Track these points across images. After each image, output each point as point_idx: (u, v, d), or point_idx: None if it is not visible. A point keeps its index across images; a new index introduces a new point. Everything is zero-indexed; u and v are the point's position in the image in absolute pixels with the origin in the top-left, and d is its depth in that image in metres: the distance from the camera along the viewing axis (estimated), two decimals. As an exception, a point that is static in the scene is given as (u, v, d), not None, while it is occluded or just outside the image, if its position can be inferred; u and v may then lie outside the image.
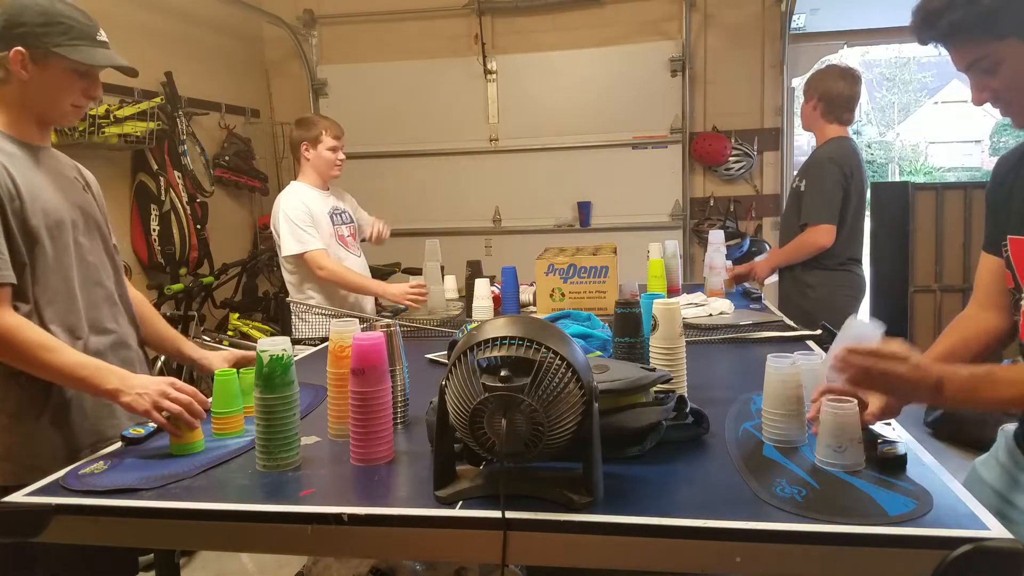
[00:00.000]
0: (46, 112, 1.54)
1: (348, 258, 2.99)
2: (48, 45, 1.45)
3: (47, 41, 1.45)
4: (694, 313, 2.49)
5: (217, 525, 1.12)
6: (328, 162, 2.97)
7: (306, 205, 2.89)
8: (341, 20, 5.18)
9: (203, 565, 2.92)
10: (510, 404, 1.02)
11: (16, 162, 1.47)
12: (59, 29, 1.46)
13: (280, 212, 2.89)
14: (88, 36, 1.50)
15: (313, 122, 2.98)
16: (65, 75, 1.49)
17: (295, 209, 2.87)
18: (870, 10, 4.95)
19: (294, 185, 3.01)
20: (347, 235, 3.05)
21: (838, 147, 2.92)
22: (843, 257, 2.93)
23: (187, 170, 4.15)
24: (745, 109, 4.84)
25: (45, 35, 1.45)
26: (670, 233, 4.66)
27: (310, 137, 2.95)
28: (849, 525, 0.97)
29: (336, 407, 1.42)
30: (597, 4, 4.90)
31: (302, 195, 2.94)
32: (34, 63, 1.46)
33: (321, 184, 3.02)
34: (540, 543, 1.04)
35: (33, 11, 1.46)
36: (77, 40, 1.48)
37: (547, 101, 4.95)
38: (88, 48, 1.49)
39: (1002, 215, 1.31)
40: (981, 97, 1.21)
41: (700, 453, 1.29)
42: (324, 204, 2.99)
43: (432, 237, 2.94)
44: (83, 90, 1.54)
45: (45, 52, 1.46)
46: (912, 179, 14.73)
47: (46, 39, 1.45)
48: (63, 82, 1.50)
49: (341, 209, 3.08)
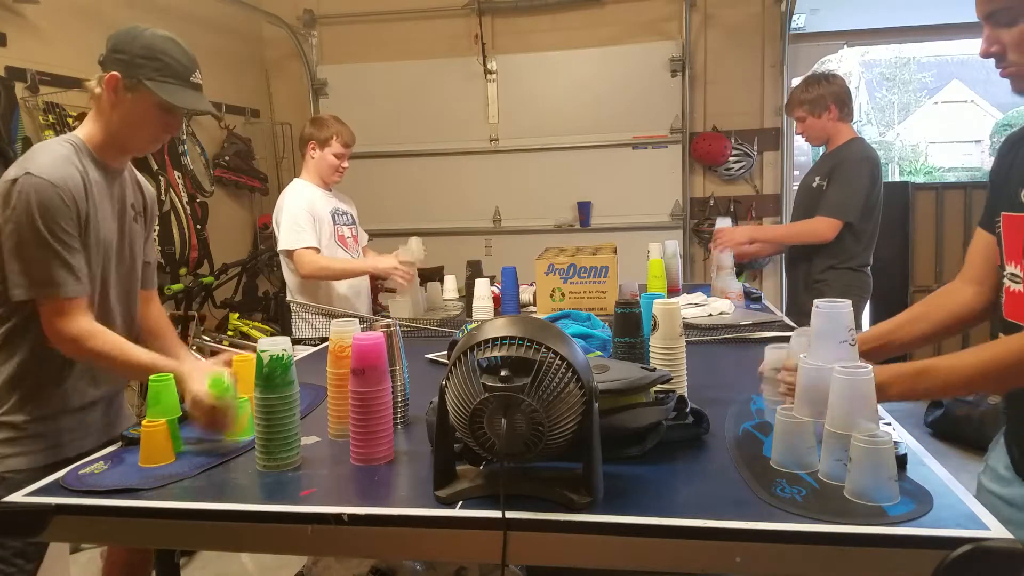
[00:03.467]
0: (125, 138, 1.61)
1: (343, 256, 2.99)
2: (141, 77, 1.53)
3: (141, 73, 1.53)
4: (694, 313, 2.49)
5: (217, 525, 1.12)
6: (330, 166, 2.96)
7: (308, 202, 2.90)
8: (341, 20, 5.18)
9: (203, 565, 2.92)
10: (510, 404, 1.02)
11: (96, 188, 1.55)
12: (155, 65, 1.54)
13: (282, 208, 2.90)
14: (182, 77, 1.57)
15: (327, 124, 2.98)
16: (149, 108, 1.56)
17: (296, 206, 2.87)
18: (870, 10, 4.95)
19: (297, 182, 3.01)
20: (348, 236, 3.04)
21: (868, 148, 2.91)
22: (862, 259, 2.92)
23: (187, 170, 4.15)
24: (745, 109, 4.84)
25: (141, 67, 1.53)
26: (670, 233, 4.66)
27: (320, 137, 2.95)
28: (849, 525, 0.97)
29: (336, 407, 1.42)
30: (597, 4, 4.90)
31: (306, 192, 2.95)
32: (125, 90, 1.54)
33: (322, 184, 3.01)
34: (540, 543, 1.04)
35: (139, 43, 1.54)
36: (170, 78, 1.55)
37: (547, 101, 4.95)
38: (177, 88, 1.56)
39: (999, 192, 1.32)
40: (989, 50, 1.22)
41: (700, 453, 1.28)
42: (326, 203, 2.98)
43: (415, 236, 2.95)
44: (164, 125, 1.61)
45: (137, 82, 1.53)
46: (912, 179, 14.71)
47: (140, 71, 1.53)
48: (147, 114, 1.57)
49: (344, 210, 3.08)
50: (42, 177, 1.44)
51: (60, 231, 1.46)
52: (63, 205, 1.46)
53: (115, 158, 1.63)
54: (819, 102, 2.91)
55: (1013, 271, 1.25)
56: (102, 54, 1.57)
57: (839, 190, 2.84)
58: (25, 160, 1.49)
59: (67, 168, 1.49)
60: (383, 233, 4.93)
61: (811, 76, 3.05)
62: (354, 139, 3.01)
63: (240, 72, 5.01)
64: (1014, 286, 1.25)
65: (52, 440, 1.56)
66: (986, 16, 1.20)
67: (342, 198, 3.13)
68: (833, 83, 2.93)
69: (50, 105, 3.26)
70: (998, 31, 1.20)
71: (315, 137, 2.95)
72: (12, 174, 1.45)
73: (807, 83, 2.98)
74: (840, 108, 2.91)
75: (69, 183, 1.48)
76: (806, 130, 3.00)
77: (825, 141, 3.00)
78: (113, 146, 1.61)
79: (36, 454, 1.53)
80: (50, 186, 1.44)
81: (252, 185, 4.88)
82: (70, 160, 1.51)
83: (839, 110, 2.91)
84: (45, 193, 1.44)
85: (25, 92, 3.24)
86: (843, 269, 2.91)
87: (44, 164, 1.46)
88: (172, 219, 3.88)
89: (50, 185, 1.44)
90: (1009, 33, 1.18)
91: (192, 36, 1.58)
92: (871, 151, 2.90)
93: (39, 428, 1.54)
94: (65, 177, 1.47)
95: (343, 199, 3.14)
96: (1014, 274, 1.25)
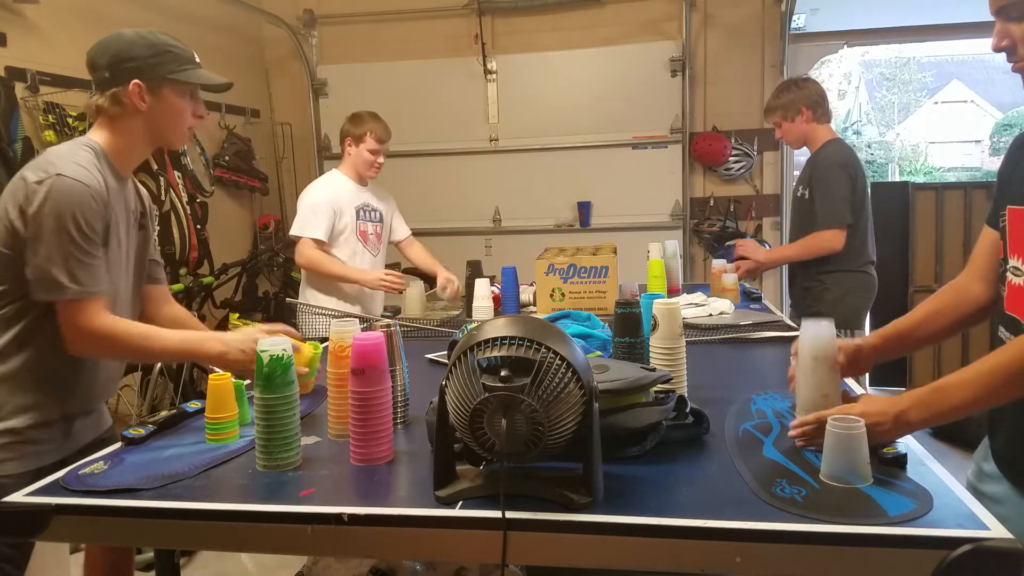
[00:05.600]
0: (167, 138, 1.63)
1: (363, 254, 3.06)
2: (164, 74, 1.54)
3: (161, 71, 1.54)
4: (694, 313, 2.49)
5: (217, 525, 1.12)
6: (366, 162, 3.03)
7: (333, 193, 2.98)
8: (341, 20, 5.18)
9: (203, 565, 2.92)
10: (510, 404, 1.02)
11: (112, 196, 1.55)
12: (168, 58, 1.55)
13: (307, 194, 3.00)
14: (191, 60, 1.59)
15: (363, 120, 3.03)
16: (181, 100, 1.59)
17: (318, 195, 2.97)
18: (870, 10, 4.96)
19: (333, 172, 3.11)
20: (370, 232, 3.10)
21: (839, 150, 2.94)
22: (862, 260, 2.93)
23: (187, 170, 4.15)
24: (745, 109, 4.84)
25: (158, 65, 1.54)
26: (670, 233, 4.66)
27: (355, 134, 3.02)
28: (849, 525, 0.97)
29: (336, 407, 1.42)
30: (597, 4, 4.90)
31: (333, 183, 3.04)
32: (150, 94, 1.55)
33: (357, 179, 3.08)
34: (540, 543, 1.04)
35: (141, 45, 1.54)
36: (186, 65, 1.57)
37: (547, 101, 4.95)
38: (195, 71, 1.59)
39: (1006, 187, 1.32)
40: (1000, 44, 1.22)
41: (700, 453, 1.28)
42: (355, 197, 3.05)
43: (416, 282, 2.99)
44: (193, 112, 1.63)
45: (160, 81, 1.54)
46: (912, 179, 14.73)
47: (160, 69, 1.54)
48: (180, 107, 1.59)
49: (373, 207, 3.12)
50: (77, 180, 1.44)
51: (93, 233, 1.47)
52: (97, 207, 1.47)
53: (128, 166, 1.64)
54: (791, 107, 2.97)
55: (1016, 264, 1.25)
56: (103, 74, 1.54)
57: (824, 199, 2.87)
58: (47, 163, 1.46)
59: (95, 172, 1.50)
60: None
61: (783, 83, 3.14)
62: (389, 134, 3.06)
63: (240, 72, 5.01)
64: (1016, 279, 1.25)
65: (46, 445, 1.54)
66: (998, 11, 1.21)
67: (381, 194, 3.19)
68: (804, 87, 2.98)
69: (50, 105, 3.26)
70: (1009, 25, 1.20)
71: (351, 133, 3.03)
72: (35, 176, 1.44)
73: (779, 89, 3.06)
74: (813, 110, 2.95)
75: (98, 187, 1.48)
76: (783, 135, 3.06)
77: (804, 144, 3.05)
78: (134, 152, 1.63)
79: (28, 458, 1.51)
80: (84, 188, 1.45)
81: (252, 185, 4.88)
82: (95, 164, 1.52)
83: (812, 112, 2.95)
84: (80, 195, 1.44)
85: (25, 92, 3.24)
86: (847, 271, 2.91)
87: (74, 167, 1.46)
88: (172, 219, 3.88)
89: (84, 187, 1.45)
90: (1020, 27, 1.19)
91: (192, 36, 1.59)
92: (842, 154, 2.92)
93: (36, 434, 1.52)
94: (95, 182, 1.48)
95: (382, 195, 3.20)
96: (1016, 267, 1.25)
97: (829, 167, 2.89)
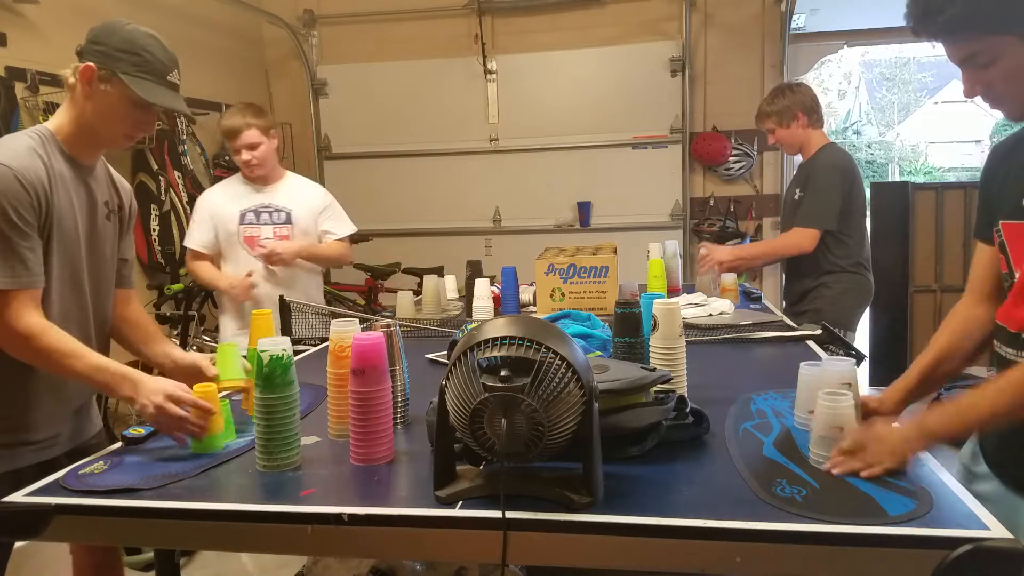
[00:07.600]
0: (96, 131, 1.57)
1: (246, 259, 2.73)
2: (117, 70, 1.50)
3: (117, 66, 1.50)
4: (694, 313, 2.49)
5: (217, 525, 1.12)
6: (240, 162, 2.72)
7: (213, 199, 2.78)
8: (341, 20, 5.18)
9: (203, 565, 2.91)
10: (510, 404, 1.02)
11: (60, 183, 1.50)
12: (133, 60, 1.51)
13: None
14: (159, 74, 1.54)
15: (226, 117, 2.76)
16: (122, 103, 1.52)
17: (199, 202, 2.82)
18: (870, 10, 4.95)
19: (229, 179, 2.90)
20: (264, 236, 2.74)
21: (836, 154, 2.93)
22: (855, 259, 2.93)
23: (187, 170, 4.15)
24: (745, 109, 4.81)
25: (118, 60, 1.50)
26: (670, 233, 4.66)
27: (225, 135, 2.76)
28: (849, 525, 0.97)
29: (336, 407, 1.42)
30: (597, 4, 4.90)
31: (224, 187, 2.84)
32: (99, 82, 1.51)
33: (252, 180, 2.75)
34: (540, 543, 1.04)
35: (119, 37, 1.51)
36: (146, 75, 1.52)
37: (547, 101, 4.95)
38: (152, 85, 1.53)
39: (994, 202, 1.31)
40: (973, 90, 1.22)
41: (700, 453, 1.29)
42: (244, 201, 2.74)
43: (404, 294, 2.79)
44: (136, 122, 1.57)
45: (112, 75, 1.50)
46: (912, 179, 14.73)
47: (117, 64, 1.50)
48: (119, 109, 1.53)
49: (276, 207, 2.76)
50: (3, 164, 1.40)
51: (18, 218, 1.40)
52: (23, 192, 1.41)
53: (86, 152, 1.59)
54: (786, 112, 2.95)
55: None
56: (80, 45, 1.53)
57: (811, 200, 2.87)
58: None
59: (30, 157, 1.45)
60: (383, 233, 4.95)
61: (776, 87, 3.12)
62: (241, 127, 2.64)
63: (240, 72, 5.01)
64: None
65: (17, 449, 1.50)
66: (962, 61, 1.20)
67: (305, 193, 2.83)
68: (798, 92, 2.98)
69: (50, 105, 3.26)
70: (978, 73, 1.19)
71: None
72: None
73: (773, 95, 3.04)
74: (808, 115, 2.95)
75: (29, 172, 1.43)
76: (778, 140, 3.04)
77: (799, 149, 3.03)
78: (83, 139, 1.56)
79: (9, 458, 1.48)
80: (9, 172, 1.40)
81: (252, 185, 4.87)
82: (34, 150, 1.47)
83: (807, 117, 2.95)
84: (4, 180, 1.39)
85: (25, 92, 3.24)
86: (837, 274, 2.91)
87: (6, 152, 1.43)
88: (172, 219, 3.88)
89: (9, 171, 1.40)
90: (990, 73, 1.18)
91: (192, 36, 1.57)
92: (841, 158, 2.92)
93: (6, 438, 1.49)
94: (27, 166, 1.43)
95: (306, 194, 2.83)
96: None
97: (827, 170, 2.88)
